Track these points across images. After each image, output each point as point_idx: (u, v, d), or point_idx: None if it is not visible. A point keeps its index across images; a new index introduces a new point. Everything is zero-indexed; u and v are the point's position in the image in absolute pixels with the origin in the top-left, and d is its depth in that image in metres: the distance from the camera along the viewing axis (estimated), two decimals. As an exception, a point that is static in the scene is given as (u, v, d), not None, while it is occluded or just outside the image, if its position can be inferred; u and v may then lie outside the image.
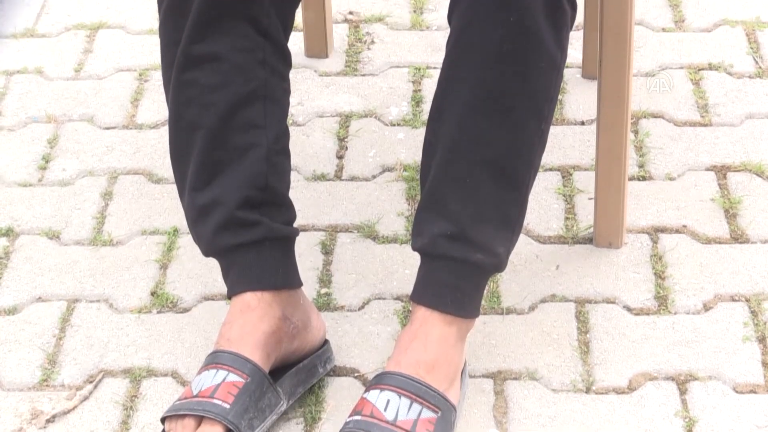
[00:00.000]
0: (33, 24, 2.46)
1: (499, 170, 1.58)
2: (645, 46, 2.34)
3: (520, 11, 1.53)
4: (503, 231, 1.61)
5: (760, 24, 2.38)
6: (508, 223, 1.61)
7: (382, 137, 2.15)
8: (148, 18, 2.46)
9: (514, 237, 1.63)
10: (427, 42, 2.37)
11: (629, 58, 1.78)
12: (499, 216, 1.60)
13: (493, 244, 1.60)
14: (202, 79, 1.62)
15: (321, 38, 2.32)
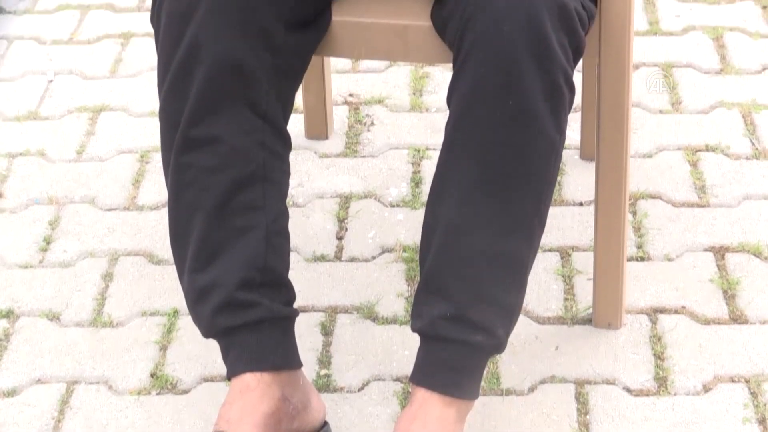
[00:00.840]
0: (36, 107, 2.48)
1: (499, 252, 1.59)
2: (642, 127, 2.36)
3: (519, 94, 1.54)
4: (503, 312, 1.61)
5: (756, 106, 2.40)
6: (507, 305, 1.61)
7: (382, 218, 2.17)
8: (150, 100, 2.48)
9: (513, 318, 1.63)
10: (427, 123, 2.39)
11: (627, 139, 1.80)
12: (499, 297, 1.60)
13: (493, 326, 1.60)
14: (201, 161, 1.63)
15: (321, 120, 2.34)
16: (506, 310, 1.61)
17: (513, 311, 1.62)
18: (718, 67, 2.52)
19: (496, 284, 1.60)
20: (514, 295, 1.61)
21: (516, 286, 1.61)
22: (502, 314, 1.61)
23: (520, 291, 1.62)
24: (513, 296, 1.61)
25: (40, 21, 2.75)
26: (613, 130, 1.79)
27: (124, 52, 2.63)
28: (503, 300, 1.60)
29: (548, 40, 1.54)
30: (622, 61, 1.74)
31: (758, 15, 2.68)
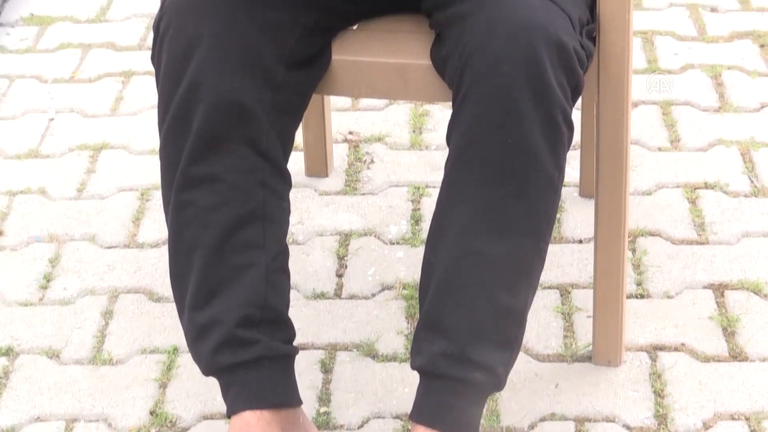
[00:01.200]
0: (37, 145, 2.49)
1: (498, 289, 1.59)
2: (641, 165, 2.36)
3: (518, 132, 1.55)
4: (502, 350, 1.61)
5: (754, 144, 2.41)
6: (507, 342, 1.61)
7: (382, 256, 2.17)
8: (150, 138, 2.49)
9: (513, 355, 1.63)
10: (426, 161, 2.40)
11: (626, 177, 1.80)
12: (498, 335, 1.60)
13: (492, 363, 1.60)
14: (201, 199, 1.64)
15: (321, 158, 2.34)
16: (506, 348, 1.61)
17: (513, 348, 1.62)
18: (716, 105, 2.53)
19: (496, 322, 1.60)
20: (513, 333, 1.61)
21: (516, 324, 1.61)
22: (502, 351, 1.61)
23: (519, 328, 1.62)
24: (513, 333, 1.61)
25: (42, 60, 2.76)
26: (612, 168, 1.79)
27: (124, 90, 2.65)
28: (503, 337, 1.60)
29: (547, 79, 1.55)
30: (620, 100, 1.75)
31: (756, 54, 2.69)
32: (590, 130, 2.17)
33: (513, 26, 1.55)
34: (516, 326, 1.61)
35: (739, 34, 2.76)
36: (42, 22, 2.90)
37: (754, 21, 2.82)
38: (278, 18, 1.66)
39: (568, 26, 1.58)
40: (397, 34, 1.77)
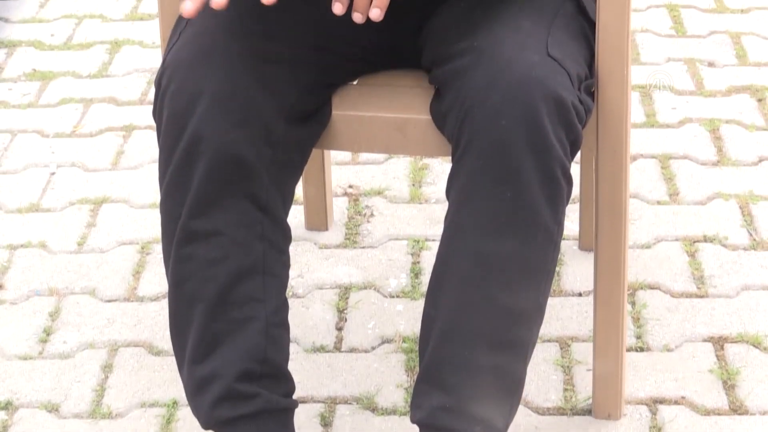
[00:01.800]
0: (38, 199, 2.50)
1: (498, 343, 1.59)
2: (640, 218, 2.37)
3: (518, 187, 1.56)
4: (502, 403, 1.61)
5: (753, 197, 2.42)
6: (506, 396, 1.61)
7: (381, 309, 2.17)
8: (151, 192, 2.50)
9: (513, 409, 1.63)
10: (426, 215, 2.41)
11: (625, 230, 1.81)
12: (498, 388, 1.60)
13: (492, 417, 1.60)
14: (202, 253, 1.64)
15: (321, 211, 2.35)
16: (505, 401, 1.61)
17: (512, 402, 1.62)
18: (715, 158, 2.54)
19: (496, 375, 1.60)
20: (513, 386, 1.61)
21: (515, 377, 1.61)
22: (502, 405, 1.61)
23: (519, 382, 1.62)
24: (512, 387, 1.61)
25: (44, 114, 2.77)
26: (611, 221, 1.80)
27: (125, 144, 2.66)
28: (502, 391, 1.60)
29: (546, 133, 1.56)
30: (619, 154, 1.76)
31: (754, 107, 2.71)
32: (589, 183, 2.18)
33: (512, 81, 1.56)
34: (516, 380, 1.61)
35: (737, 89, 2.78)
36: (44, 78, 2.92)
37: (752, 75, 2.83)
38: (279, 74, 1.67)
39: (566, 82, 1.59)
40: (397, 89, 1.78)
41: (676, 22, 3.08)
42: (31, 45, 3.06)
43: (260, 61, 1.66)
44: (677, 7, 3.15)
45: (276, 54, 1.68)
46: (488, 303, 1.58)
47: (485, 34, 1.63)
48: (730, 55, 2.92)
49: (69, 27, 3.15)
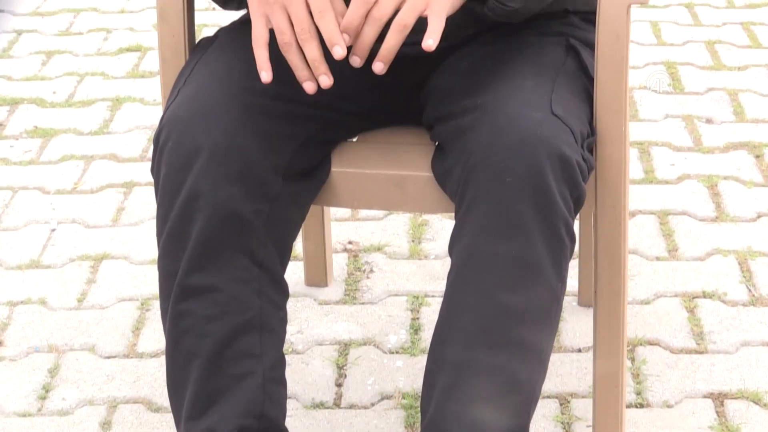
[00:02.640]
0: (38, 255, 2.50)
1: (501, 399, 1.59)
2: (639, 274, 2.37)
3: (522, 245, 1.56)
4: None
5: (752, 253, 2.42)
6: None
7: (381, 365, 2.17)
8: (151, 248, 2.50)
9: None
10: (425, 271, 2.41)
11: (624, 286, 1.81)
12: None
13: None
14: (199, 309, 1.64)
15: (321, 268, 2.36)
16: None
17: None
18: (713, 214, 2.55)
19: (499, 431, 1.59)
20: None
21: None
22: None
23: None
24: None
25: (45, 171, 2.79)
26: (610, 277, 1.80)
27: (126, 201, 2.67)
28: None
29: (550, 191, 1.56)
30: (618, 210, 1.77)
31: (752, 164, 2.72)
32: (588, 239, 2.19)
33: (516, 140, 1.57)
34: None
35: (735, 145, 2.79)
36: (45, 135, 2.93)
37: (749, 132, 2.85)
38: (278, 130, 1.68)
39: (570, 140, 1.60)
40: (397, 146, 1.79)
41: (674, 79, 3.10)
42: (33, 102, 3.08)
43: (259, 117, 1.67)
44: (675, 65, 3.17)
45: (275, 110, 1.69)
46: (491, 361, 1.57)
47: (488, 91, 1.64)
48: (728, 111, 2.94)
49: (71, 84, 3.17)
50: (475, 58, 1.72)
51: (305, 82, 1.61)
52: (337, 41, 1.56)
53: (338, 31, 1.56)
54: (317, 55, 1.58)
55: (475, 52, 1.74)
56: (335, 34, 1.56)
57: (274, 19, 1.59)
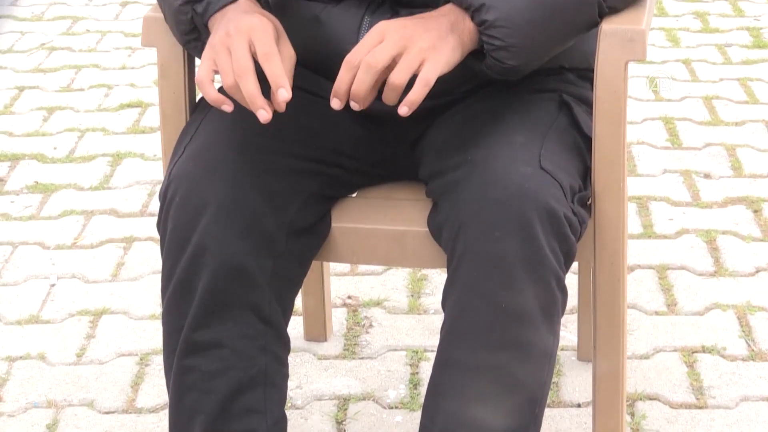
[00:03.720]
0: (38, 310, 2.50)
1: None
2: (639, 329, 2.37)
3: (512, 299, 1.57)
4: None
5: (751, 308, 2.42)
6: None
7: (380, 420, 2.16)
8: (151, 304, 2.50)
9: None
10: (425, 325, 2.41)
11: (623, 341, 1.81)
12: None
13: None
14: (204, 365, 1.64)
15: (320, 322, 2.36)
16: None
17: None
18: (712, 269, 2.55)
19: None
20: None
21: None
22: None
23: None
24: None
25: (45, 226, 2.79)
26: (609, 332, 1.80)
27: (126, 255, 2.67)
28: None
29: (539, 245, 1.57)
30: (616, 265, 1.77)
31: (750, 218, 2.73)
32: (587, 294, 2.19)
33: (504, 194, 1.58)
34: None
35: (733, 200, 2.80)
36: (46, 190, 2.94)
37: (747, 187, 2.86)
38: (282, 186, 1.69)
39: (559, 194, 1.61)
40: (395, 202, 1.80)
41: (672, 135, 3.11)
42: (33, 158, 3.09)
43: (264, 174, 1.68)
44: (672, 120, 3.19)
45: (280, 167, 1.70)
46: (484, 415, 1.57)
47: (479, 147, 1.65)
48: (726, 166, 2.95)
49: (71, 140, 3.18)
50: (468, 114, 1.74)
51: (257, 111, 1.60)
52: (282, 83, 1.57)
53: (283, 73, 1.57)
54: (253, 90, 1.58)
55: (469, 108, 1.75)
56: (280, 77, 1.57)
57: (219, 63, 1.60)
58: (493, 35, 1.60)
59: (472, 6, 1.60)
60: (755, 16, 3.87)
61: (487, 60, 1.63)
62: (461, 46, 1.60)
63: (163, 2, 1.70)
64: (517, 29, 1.60)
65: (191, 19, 1.66)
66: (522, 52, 1.62)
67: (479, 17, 1.60)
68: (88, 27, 3.92)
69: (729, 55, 3.58)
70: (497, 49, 1.61)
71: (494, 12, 1.59)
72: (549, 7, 1.62)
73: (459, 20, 1.61)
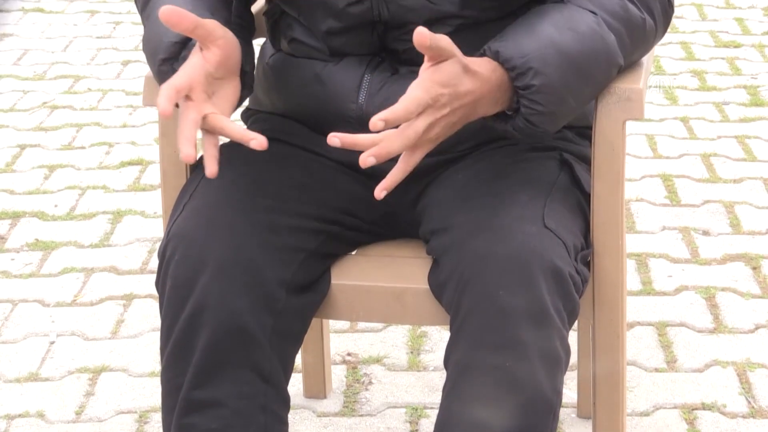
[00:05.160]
0: (37, 368, 2.50)
1: None
2: (638, 386, 2.37)
3: (516, 357, 1.56)
4: None
5: (750, 365, 2.42)
6: None
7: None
8: (150, 361, 2.50)
9: None
10: (424, 383, 2.41)
11: (623, 398, 1.81)
12: None
13: None
14: (203, 424, 1.64)
15: (320, 380, 2.35)
16: None
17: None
18: (711, 326, 2.55)
19: None
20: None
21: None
22: None
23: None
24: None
25: (45, 284, 2.79)
26: (609, 389, 1.80)
27: (126, 313, 2.67)
28: None
29: (544, 304, 1.57)
30: (615, 322, 1.77)
31: (749, 275, 2.73)
32: (587, 351, 2.19)
33: (509, 253, 1.58)
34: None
35: (732, 257, 2.81)
36: (46, 247, 2.95)
37: (746, 244, 2.87)
38: (282, 243, 1.69)
39: (563, 252, 1.62)
40: (395, 259, 1.81)
41: (670, 192, 3.12)
42: (34, 216, 3.10)
43: (264, 232, 1.68)
44: (671, 177, 3.20)
45: (280, 225, 1.70)
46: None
47: (482, 205, 1.66)
48: (724, 223, 2.96)
49: (72, 198, 3.19)
50: (470, 172, 1.74)
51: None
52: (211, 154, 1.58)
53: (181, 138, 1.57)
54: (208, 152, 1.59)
55: (470, 166, 1.76)
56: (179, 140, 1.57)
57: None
58: (536, 100, 1.60)
59: (517, 68, 1.59)
60: (752, 74, 3.90)
61: (517, 122, 1.63)
62: (483, 114, 1.61)
63: (150, 64, 1.71)
64: (557, 96, 1.61)
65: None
66: (558, 118, 1.63)
67: (524, 81, 1.59)
68: (89, 86, 3.95)
69: (727, 113, 3.60)
70: (536, 114, 1.61)
71: (541, 78, 1.59)
72: (584, 73, 1.63)
73: (499, 87, 1.59)
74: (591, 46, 1.63)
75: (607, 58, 1.65)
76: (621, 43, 1.66)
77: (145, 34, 1.72)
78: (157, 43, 1.67)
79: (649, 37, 1.71)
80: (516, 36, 1.61)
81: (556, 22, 1.63)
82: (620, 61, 1.67)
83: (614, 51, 1.65)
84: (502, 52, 1.59)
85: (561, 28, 1.62)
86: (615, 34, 1.65)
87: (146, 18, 1.73)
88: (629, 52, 1.68)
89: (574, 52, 1.61)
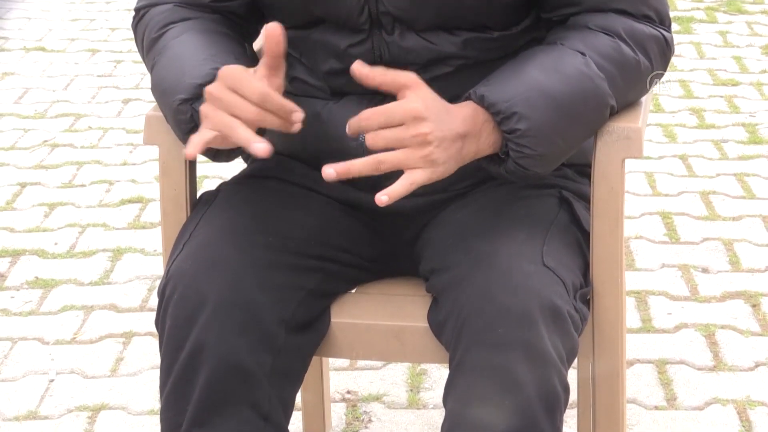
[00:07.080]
0: (36, 406, 2.49)
1: None
2: (638, 424, 2.37)
3: (515, 396, 1.56)
4: None
5: (750, 403, 2.42)
6: None
7: None
8: (150, 399, 2.50)
9: None
10: (424, 420, 2.40)
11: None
12: None
13: None
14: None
15: (319, 417, 2.35)
16: None
17: None
18: (711, 363, 2.55)
19: None
20: None
21: None
22: None
23: None
24: None
25: (44, 322, 2.79)
26: (608, 427, 1.80)
27: (125, 351, 2.67)
28: None
29: (542, 343, 1.57)
30: (615, 360, 1.77)
31: (749, 313, 2.73)
32: (586, 389, 2.19)
33: (508, 291, 1.59)
34: None
35: (731, 294, 2.81)
36: (46, 285, 2.95)
37: (745, 281, 2.87)
38: (282, 282, 1.69)
39: (562, 291, 1.62)
40: (394, 298, 1.81)
41: (670, 229, 3.13)
42: (34, 254, 3.10)
43: (264, 270, 1.68)
44: (670, 215, 3.21)
45: (279, 263, 1.70)
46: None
47: (481, 244, 1.66)
48: (724, 261, 2.96)
49: (72, 236, 3.20)
50: (469, 211, 1.75)
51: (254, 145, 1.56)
52: (292, 108, 1.56)
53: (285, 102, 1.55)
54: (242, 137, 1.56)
55: (469, 204, 1.76)
56: (285, 105, 1.56)
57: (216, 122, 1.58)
58: (523, 144, 1.60)
59: (501, 113, 1.60)
60: (750, 112, 3.91)
61: (509, 165, 1.63)
62: (474, 155, 1.61)
63: (162, 103, 1.71)
64: (544, 138, 1.61)
65: (191, 117, 1.67)
66: (548, 160, 1.64)
67: (509, 125, 1.60)
68: (90, 124, 3.96)
69: (725, 151, 3.61)
70: (525, 157, 1.61)
71: (526, 122, 1.60)
72: (572, 115, 1.63)
73: (484, 128, 1.60)
74: (578, 88, 1.63)
75: (596, 99, 1.65)
76: (613, 85, 1.66)
77: (157, 72, 1.71)
78: (175, 83, 1.67)
79: (644, 77, 1.71)
80: (501, 80, 1.61)
81: (543, 64, 1.63)
82: (611, 102, 1.67)
83: (604, 92, 1.65)
84: (487, 96, 1.60)
85: (547, 70, 1.62)
86: (606, 75, 1.66)
87: (157, 56, 1.72)
88: (623, 93, 1.69)
89: (560, 94, 1.62)
